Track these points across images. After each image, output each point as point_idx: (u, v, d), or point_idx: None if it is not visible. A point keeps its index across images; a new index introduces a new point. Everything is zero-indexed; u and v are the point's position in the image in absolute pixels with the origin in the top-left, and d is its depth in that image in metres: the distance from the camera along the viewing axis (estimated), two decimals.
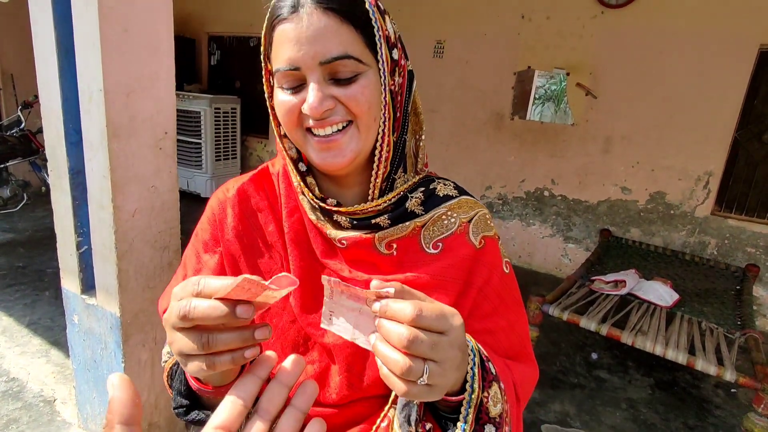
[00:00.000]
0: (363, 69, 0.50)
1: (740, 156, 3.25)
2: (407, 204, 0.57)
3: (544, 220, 4.00)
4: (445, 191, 0.60)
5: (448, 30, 4.05)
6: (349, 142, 0.52)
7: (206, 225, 0.63)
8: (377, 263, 0.56)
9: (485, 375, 0.45)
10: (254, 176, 0.63)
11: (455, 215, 0.58)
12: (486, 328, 0.57)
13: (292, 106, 0.51)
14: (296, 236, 0.58)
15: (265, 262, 0.59)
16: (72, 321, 1.72)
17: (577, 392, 2.40)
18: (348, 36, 0.49)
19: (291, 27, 0.48)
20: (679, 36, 3.23)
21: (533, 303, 2.29)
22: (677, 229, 3.49)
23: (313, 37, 0.48)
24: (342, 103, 0.50)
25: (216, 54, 5.46)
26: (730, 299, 2.71)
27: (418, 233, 0.57)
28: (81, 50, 1.33)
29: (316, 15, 0.48)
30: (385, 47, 0.52)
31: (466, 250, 0.57)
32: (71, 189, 1.54)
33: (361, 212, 0.55)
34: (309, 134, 0.53)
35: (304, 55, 0.48)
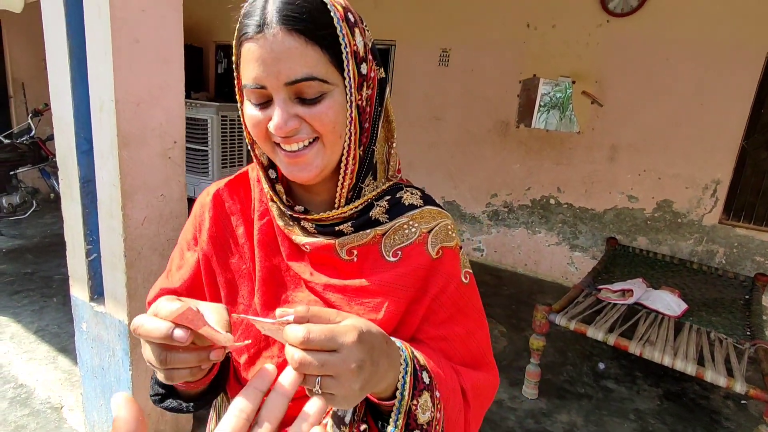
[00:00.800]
0: (328, 89, 0.51)
1: (748, 164, 3.24)
2: (372, 212, 0.59)
3: (550, 228, 3.99)
4: (411, 200, 0.62)
5: (453, 38, 4.08)
6: (315, 158, 0.54)
7: (189, 225, 0.67)
8: (338, 268, 0.59)
9: (416, 384, 0.48)
10: (231, 181, 0.66)
11: (416, 225, 0.60)
12: (441, 335, 0.59)
13: (259, 121, 0.52)
14: (264, 238, 0.61)
15: (235, 263, 0.62)
16: (80, 328, 1.73)
17: (585, 402, 2.38)
18: (313, 57, 0.49)
19: (256, 47, 0.49)
20: (685, 44, 3.23)
21: (540, 312, 2.28)
22: (685, 237, 3.47)
23: (278, 59, 0.48)
24: (307, 122, 0.52)
25: (223, 62, 5.51)
26: (739, 309, 2.68)
27: (379, 241, 0.59)
28: (93, 61, 1.35)
29: (281, 36, 0.48)
30: (352, 63, 0.52)
31: (423, 259, 0.58)
32: (81, 197, 1.56)
33: (326, 219, 0.58)
34: (278, 147, 0.54)
35: (269, 75, 0.49)
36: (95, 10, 1.29)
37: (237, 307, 0.61)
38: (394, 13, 4.31)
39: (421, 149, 4.44)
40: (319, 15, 0.49)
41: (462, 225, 4.40)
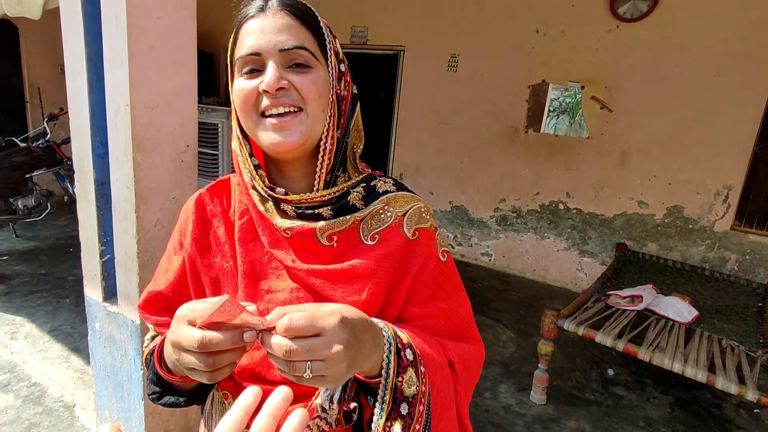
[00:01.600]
0: (316, 64, 0.58)
1: (761, 170, 3.20)
2: (349, 198, 0.62)
3: (559, 233, 3.97)
4: (385, 187, 0.65)
5: (462, 44, 4.09)
6: (299, 125, 0.58)
7: (176, 231, 0.71)
8: (319, 253, 0.61)
9: (400, 362, 0.51)
10: (212, 186, 0.70)
11: (391, 209, 0.63)
12: (426, 312, 0.62)
13: (249, 89, 0.57)
14: (245, 236, 0.63)
15: (218, 262, 0.65)
16: (93, 328, 1.76)
17: (593, 409, 2.36)
18: (305, 35, 0.58)
19: (257, 21, 0.57)
20: (695, 49, 3.22)
21: (548, 317, 2.28)
22: (696, 243, 3.44)
23: (276, 29, 0.56)
24: (295, 88, 0.57)
25: None
26: (752, 316, 2.65)
27: (357, 226, 0.61)
28: (110, 67, 1.39)
29: (280, 14, 0.57)
30: (333, 57, 0.60)
31: (399, 240, 0.62)
32: (96, 199, 1.60)
33: (306, 201, 0.60)
34: (263, 118, 0.58)
35: (267, 42, 0.56)
36: (112, 18, 1.33)
37: None
38: (403, 19, 4.34)
39: (429, 154, 4.45)
40: (310, 13, 0.60)
41: (470, 230, 4.40)
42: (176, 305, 0.67)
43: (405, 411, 0.51)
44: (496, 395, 2.40)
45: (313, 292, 0.60)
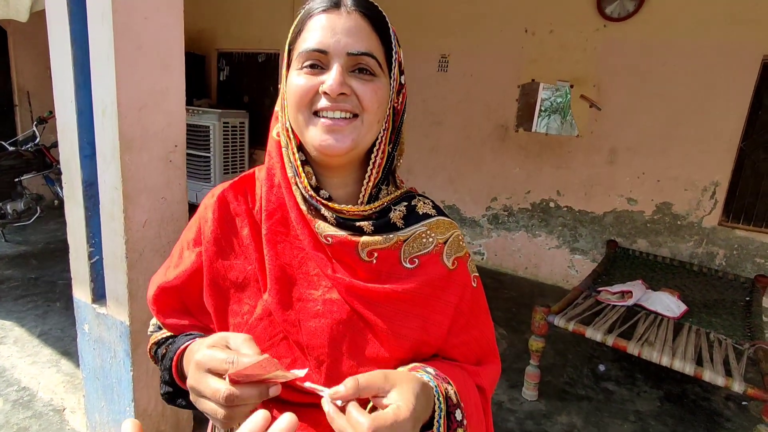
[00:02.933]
0: (379, 73, 0.56)
1: (746, 166, 3.25)
2: (391, 215, 0.60)
3: (551, 231, 4.00)
4: (425, 209, 0.64)
5: (452, 44, 4.12)
6: (352, 131, 0.56)
7: (193, 226, 0.67)
8: (355, 268, 0.59)
9: (450, 424, 0.52)
10: (236, 182, 0.67)
11: (433, 235, 0.62)
12: (462, 341, 0.63)
13: (308, 85, 0.55)
14: (275, 236, 0.60)
15: (240, 264, 0.62)
16: (83, 330, 1.75)
17: (585, 404, 2.38)
18: (375, 42, 0.56)
19: (329, 17, 0.55)
20: (682, 48, 3.26)
21: (539, 313, 2.29)
22: (684, 239, 3.48)
23: (349, 30, 0.54)
24: (356, 94, 0.55)
25: (225, 70, 5.58)
26: (740, 310, 2.68)
27: (400, 247, 0.60)
28: (96, 67, 1.39)
29: (355, 15, 0.55)
30: (397, 69, 0.59)
31: (441, 270, 0.61)
32: (84, 200, 1.59)
33: (348, 213, 0.58)
34: (315, 116, 0.56)
35: (336, 42, 0.54)
36: (99, 18, 1.33)
37: (242, 307, 0.61)
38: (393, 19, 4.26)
39: (421, 154, 4.47)
40: (383, 19, 0.58)
41: (462, 229, 4.40)
42: (186, 300, 0.66)
43: None
44: None
45: (350, 309, 0.58)
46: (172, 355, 0.62)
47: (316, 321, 0.58)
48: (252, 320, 0.60)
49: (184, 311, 0.68)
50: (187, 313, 0.68)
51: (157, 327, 0.72)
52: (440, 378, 0.55)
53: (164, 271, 0.69)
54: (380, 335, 0.57)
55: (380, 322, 0.57)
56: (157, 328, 0.72)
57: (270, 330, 0.59)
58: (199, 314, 0.66)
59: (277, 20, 5.01)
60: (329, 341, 0.57)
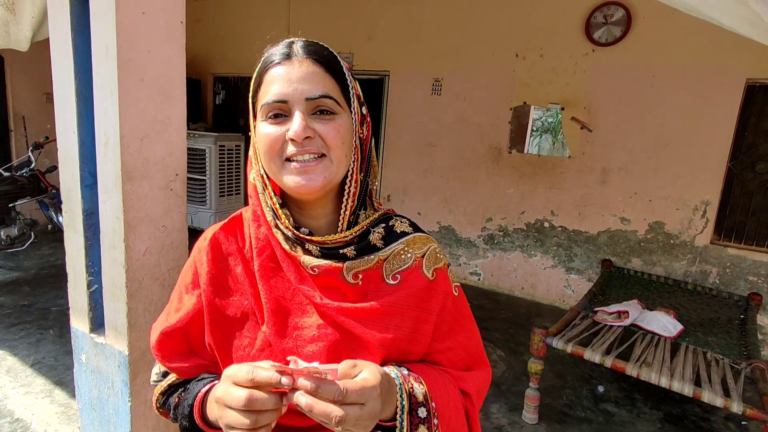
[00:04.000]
0: (339, 110, 0.61)
1: (735, 185, 3.32)
2: (370, 237, 0.65)
3: (546, 251, 4.03)
4: (402, 228, 0.69)
5: (445, 68, 4.21)
6: (323, 171, 0.60)
7: (188, 270, 0.71)
8: (344, 291, 0.63)
9: (412, 419, 0.56)
10: (226, 224, 0.71)
11: (411, 251, 0.66)
12: (447, 346, 0.66)
13: (276, 135, 0.59)
14: (266, 272, 0.64)
15: (236, 300, 0.65)
16: (79, 360, 1.73)
17: (585, 427, 2.37)
18: (330, 83, 0.60)
19: (283, 69, 0.59)
20: (669, 71, 3.36)
21: (537, 335, 2.30)
22: (678, 258, 3.52)
23: (303, 78, 0.59)
24: (320, 135, 0.59)
25: (221, 93, 5.64)
26: (735, 329, 2.70)
27: (381, 266, 0.64)
28: (99, 99, 1.41)
29: (306, 63, 0.59)
30: (356, 102, 0.63)
31: (422, 281, 0.65)
32: (84, 230, 1.59)
33: (330, 242, 0.63)
34: (287, 162, 0.60)
35: (294, 90, 0.58)
36: (103, 52, 1.36)
37: (242, 340, 0.64)
38: (388, 44, 4.46)
39: (416, 175, 4.51)
40: (333, 58, 0.63)
41: (458, 249, 4.44)
42: (190, 342, 0.68)
43: None
44: (488, 416, 2.40)
45: (341, 329, 0.62)
46: (191, 401, 0.64)
47: (313, 346, 0.61)
48: (253, 352, 0.63)
49: (188, 353, 0.69)
50: (192, 354, 0.69)
51: (161, 376, 0.72)
52: (411, 377, 0.58)
53: (165, 317, 0.71)
54: (372, 350, 0.61)
55: (371, 337, 0.60)
56: (161, 377, 0.72)
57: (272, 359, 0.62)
58: (204, 353, 0.68)
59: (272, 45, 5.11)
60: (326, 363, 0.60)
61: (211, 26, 5.52)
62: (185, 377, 0.69)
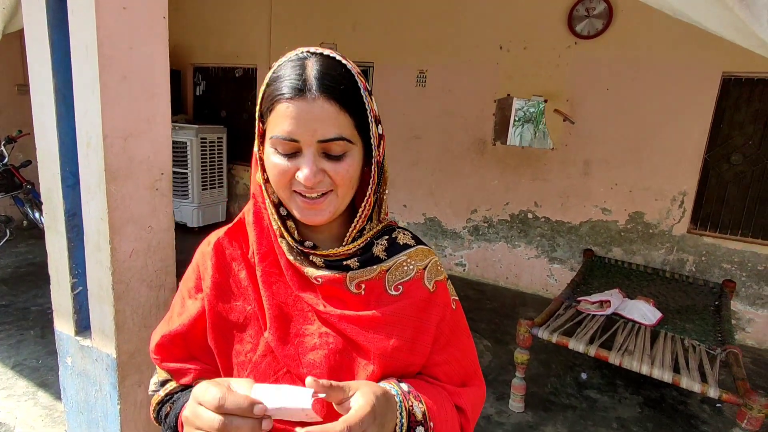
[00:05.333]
0: (351, 148, 0.59)
1: (711, 176, 3.42)
2: (373, 249, 0.65)
3: (529, 241, 4.10)
4: (405, 240, 0.69)
5: (430, 60, 4.20)
6: (329, 206, 0.60)
7: (191, 274, 0.71)
8: (346, 300, 0.64)
9: None
10: (229, 230, 0.70)
11: (413, 262, 0.67)
12: (443, 359, 0.67)
13: (285, 169, 0.58)
14: (269, 278, 0.64)
15: (240, 305, 0.66)
16: (65, 363, 1.70)
17: (570, 413, 2.44)
18: (344, 121, 0.57)
19: (295, 106, 0.55)
20: (648, 64, 3.42)
21: (523, 326, 2.35)
22: (656, 247, 3.62)
23: (316, 119, 0.55)
24: (329, 176, 0.59)
25: (201, 84, 5.52)
26: (710, 315, 2.80)
27: (383, 277, 0.65)
28: (80, 97, 1.37)
29: (320, 101, 0.55)
30: (374, 127, 0.61)
31: (423, 293, 0.66)
32: (67, 231, 1.55)
33: (334, 255, 0.63)
34: (295, 194, 0.60)
35: (305, 131, 0.56)
36: (83, 49, 1.31)
37: (244, 346, 0.64)
38: (372, 35, 4.42)
39: (402, 168, 4.51)
40: (350, 85, 0.58)
41: (444, 241, 4.48)
42: (191, 348, 0.68)
43: None
44: None
45: (344, 336, 0.62)
46: (177, 411, 0.64)
47: (314, 353, 0.62)
48: (255, 357, 0.63)
49: (188, 358, 0.69)
50: (192, 358, 0.69)
51: (158, 385, 0.72)
52: (412, 395, 0.59)
53: (166, 323, 0.71)
54: (373, 359, 0.61)
55: (372, 346, 0.61)
56: (158, 387, 0.72)
57: (274, 365, 0.63)
58: (205, 357, 0.69)
59: (254, 35, 5.01)
60: (328, 371, 0.61)
61: (191, 15, 5.37)
62: (183, 382, 0.69)
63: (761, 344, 3.38)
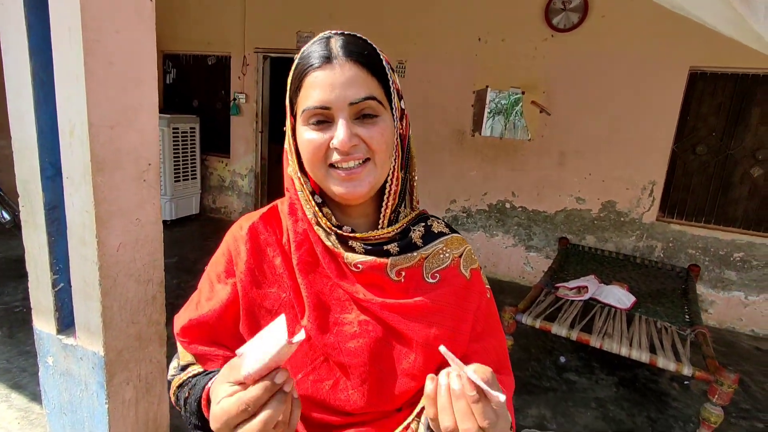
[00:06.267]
0: (382, 112, 0.59)
1: (678, 166, 3.58)
2: (411, 235, 0.65)
3: (507, 230, 4.19)
4: (440, 228, 0.70)
5: (409, 51, 4.19)
6: (368, 175, 0.60)
7: (221, 258, 0.69)
8: (386, 288, 0.63)
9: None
10: (264, 215, 0.69)
11: (449, 250, 0.68)
12: (482, 347, 0.67)
13: (319, 142, 0.58)
14: (305, 266, 0.63)
15: (274, 292, 0.64)
16: (46, 363, 1.63)
17: (551, 395, 2.53)
18: (372, 83, 0.58)
19: (324, 74, 0.56)
20: (621, 58, 3.53)
21: (507, 313, 2.41)
22: (627, 234, 3.77)
23: (345, 83, 0.56)
24: (364, 141, 0.58)
25: (172, 72, 5.31)
26: (678, 298, 2.96)
27: (422, 264, 0.65)
28: (63, 84, 1.30)
29: (348, 65, 0.57)
30: (396, 97, 0.62)
31: (460, 280, 0.66)
32: (47, 225, 1.48)
33: (374, 238, 0.63)
34: (332, 168, 0.59)
35: (337, 96, 0.56)
36: (65, 33, 1.24)
37: None
38: (349, 25, 4.34)
39: None
40: (374, 55, 0.60)
41: None
42: (220, 334, 0.67)
43: None
44: None
45: (385, 325, 0.62)
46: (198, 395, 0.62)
47: (355, 342, 0.61)
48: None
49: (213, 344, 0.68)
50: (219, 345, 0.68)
51: (179, 370, 0.70)
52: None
53: (194, 306, 0.68)
54: (415, 348, 0.61)
55: (414, 334, 0.61)
56: (179, 371, 0.69)
57: (311, 354, 0.62)
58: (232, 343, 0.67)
59: (227, 22, 4.85)
60: (369, 359, 0.61)
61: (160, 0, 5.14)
62: (208, 367, 0.67)
63: (722, 324, 3.60)
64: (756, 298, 3.47)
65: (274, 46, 4.69)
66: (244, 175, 5.20)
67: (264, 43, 4.74)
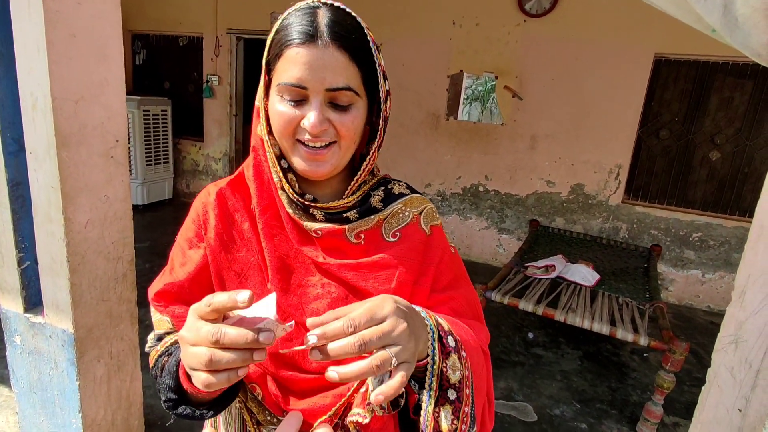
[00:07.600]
0: (356, 100, 0.59)
1: (643, 150, 3.72)
2: (371, 200, 0.68)
3: (480, 213, 4.28)
4: (400, 190, 0.72)
5: (384, 33, 4.18)
6: (332, 157, 0.61)
7: (190, 224, 0.70)
8: (346, 251, 0.66)
9: (443, 348, 0.53)
10: (231, 181, 0.70)
11: (408, 209, 0.70)
12: (449, 296, 0.69)
13: (291, 117, 0.59)
14: (270, 230, 0.65)
15: (243, 255, 0.66)
16: (13, 342, 1.61)
17: (519, 369, 2.64)
18: (352, 72, 0.57)
19: (306, 52, 0.55)
20: (590, 44, 3.62)
21: (477, 290, 2.48)
22: (595, 216, 3.91)
23: (326, 67, 0.56)
24: (334, 126, 0.59)
25: (141, 53, 5.16)
26: (640, 276, 3.10)
27: (381, 225, 0.68)
28: (23, 56, 1.27)
29: (331, 49, 0.56)
30: (382, 82, 0.62)
31: (419, 236, 0.69)
32: (11, 202, 1.45)
33: (334, 208, 0.65)
34: (299, 144, 0.61)
35: (314, 79, 0.56)
36: (24, 3, 1.21)
37: None
38: None
39: None
40: (360, 37, 0.58)
41: None
42: (196, 296, 0.67)
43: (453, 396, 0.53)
44: None
45: (345, 284, 0.64)
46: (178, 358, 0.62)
47: (317, 302, 0.64)
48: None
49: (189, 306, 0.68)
50: None
51: (155, 341, 0.70)
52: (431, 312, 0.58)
53: (168, 273, 0.70)
54: None
55: (374, 290, 0.63)
56: (155, 342, 0.70)
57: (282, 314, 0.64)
58: None
59: (198, 1, 4.73)
60: None
61: None
62: None
63: (681, 301, 3.79)
64: (712, 276, 3.66)
65: (247, 27, 4.61)
66: (218, 159, 5.13)
67: (237, 24, 4.65)
